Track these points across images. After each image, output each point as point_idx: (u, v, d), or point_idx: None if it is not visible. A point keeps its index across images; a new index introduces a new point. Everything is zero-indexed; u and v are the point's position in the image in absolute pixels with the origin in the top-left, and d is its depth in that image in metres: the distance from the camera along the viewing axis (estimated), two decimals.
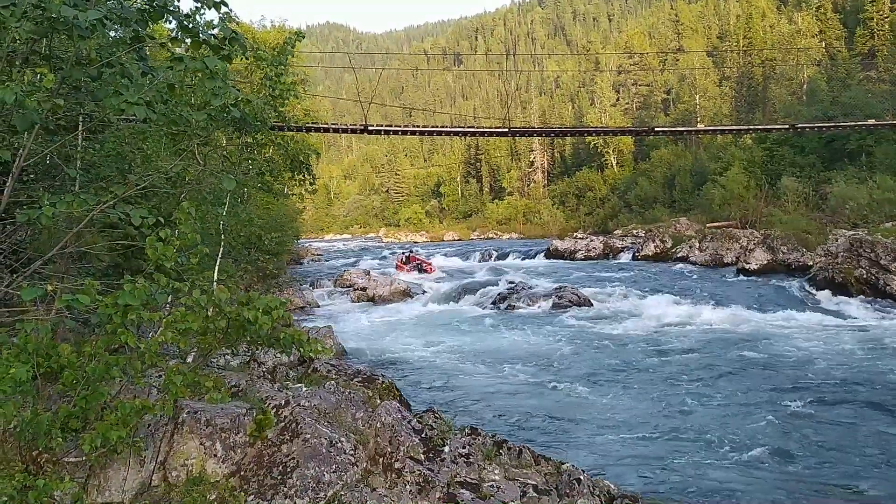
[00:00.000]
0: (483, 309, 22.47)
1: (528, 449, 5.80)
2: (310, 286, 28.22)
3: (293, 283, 25.19)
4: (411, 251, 40.77)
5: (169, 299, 4.90)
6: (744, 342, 15.26)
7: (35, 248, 6.47)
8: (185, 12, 5.02)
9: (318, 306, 23.91)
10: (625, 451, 8.47)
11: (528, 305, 21.87)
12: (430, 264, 36.42)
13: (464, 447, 5.50)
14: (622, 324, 18.26)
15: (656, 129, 51.61)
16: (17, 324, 4.61)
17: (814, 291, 21.59)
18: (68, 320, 5.10)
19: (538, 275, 30.78)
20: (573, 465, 5.61)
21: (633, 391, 11.44)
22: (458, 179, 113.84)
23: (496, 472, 5.33)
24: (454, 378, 12.69)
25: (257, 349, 6.86)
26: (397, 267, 36.87)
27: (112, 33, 5.45)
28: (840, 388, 11.20)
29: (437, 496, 4.85)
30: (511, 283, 25.57)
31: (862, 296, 20.29)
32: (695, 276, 27.98)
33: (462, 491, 4.94)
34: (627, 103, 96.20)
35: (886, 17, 64.63)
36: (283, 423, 5.14)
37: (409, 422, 5.56)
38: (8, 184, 5.06)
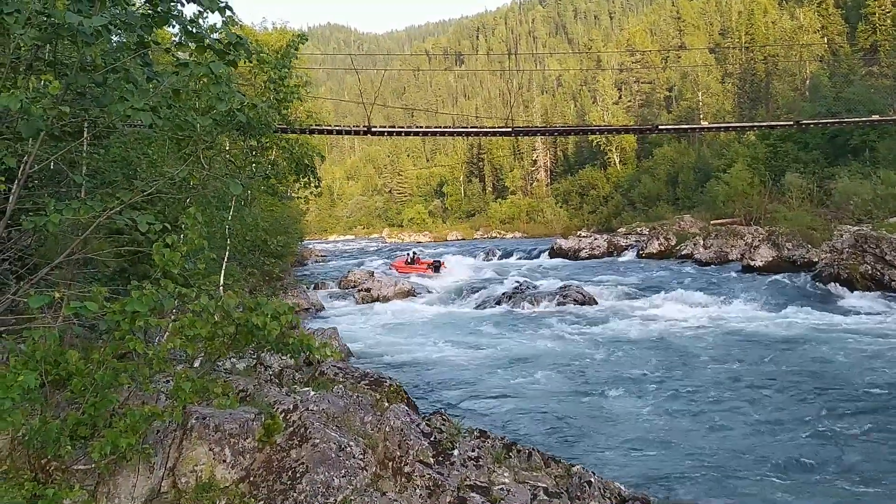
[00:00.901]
0: (487, 309, 22.43)
1: (538, 451, 5.77)
2: (314, 288, 28.22)
3: (298, 285, 25.18)
4: (415, 253, 40.73)
5: (175, 303, 4.89)
6: (753, 341, 15.20)
7: (41, 254, 6.47)
8: (188, 17, 5.02)
9: (323, 308, 23.88)
10: (635, 453, 8.44)
11: (533, 305, 21.83)
12: (442, 263, 36.36)
13: (473, 450, 5.48)
14: (628, 323, 18.21)
15: (660, 126, 51.45)
16: (24, 331, 4.61)
17: (820, 288, 21.53)
18: (76, 327, 5.09)
19: (542, 274, 30.77)
20: (583, 468, 5.59)
21: (641, 391, 11.39)
22: (461, 179, 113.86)
23: (506, 474, 5.31)
24: (460, 379, 12.66)
25: (264, 353, 6.85)
26: (399, 268, 36.69)
27: (116, 38, 5.44)
28: (857, 389, 10.99)
29: (448, 500, 4.83)
30: (515, 282, 25.55)
31: (868, 291, 20.23)
32: (700, 274, 27.93)
33: (472, 494, 4.92)
34: (630, 101, 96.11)
35: (888, 13, 64.36)
36: (291, 428, 5.13)
37: (417, 425, 5.54)
38: (14, 190, 5.05)
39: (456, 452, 5.35)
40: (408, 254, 40.57)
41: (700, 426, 9.45)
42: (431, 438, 5.42)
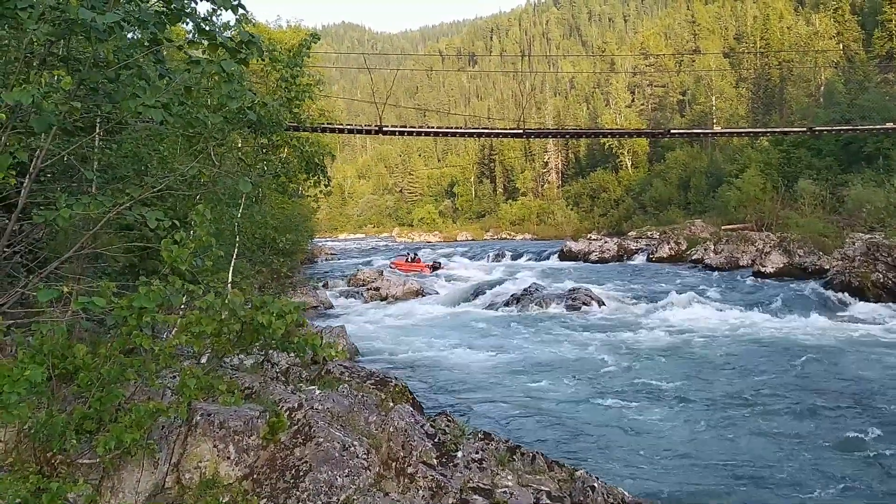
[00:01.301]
0: (496, 310, 22.43)
1: (542, 455, 5.76)
2: (323, 285, 28.31)
3: (307, 283, 25.26)
4: (416, 253, 42.22)
5: (184, 299, 4.91)
6: (762, 349, 15.10)
7: (52, 248, 6.50)
8: (202, 14, 5.03)
9: (332, 306, 23.96)
10: (640, 459, 8.41)
11: (542, 307, 21.80)
12: (441, 265, 37.11)
13: (477, 452, 5.47)
14: (637, 327, 18.16)
15: (672, 131, 51.33)
16: (33, 324, 4.64)
17: (831, 295, 21.41)
18: (84, 321, 5.12)
19: (552, 276, 30.72)
20: (587, 472, 5.57)
21: (648, 397, 11.35)
22: (472, 180, 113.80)
23: (509, 477, 5.30)
24: (467, 380, 12.66)
25: (271, 350, 6.87)
26: (399, 266, 37.57)
27: (130, 35, 5.47)
28: (870, 401, 10.77)
29: (450, 502, 4.83)
30: (524, 284, 25.52)
31: (878, 300, 20.11)
32: (710, 279, 27.82)
33: (475, 497, 4.92)
34: (643, 104, 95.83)
35: None
36: (296, 427, 5.13)
37: (421, 426, 5.53)
38: (25, 184, 5.09)
39: (459, 454, 5.35)
40: (408, 253, 42.14)
41: (707, 434, 9.41)
42: (435, 440, 5.41)
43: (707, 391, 11.61)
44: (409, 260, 38.93)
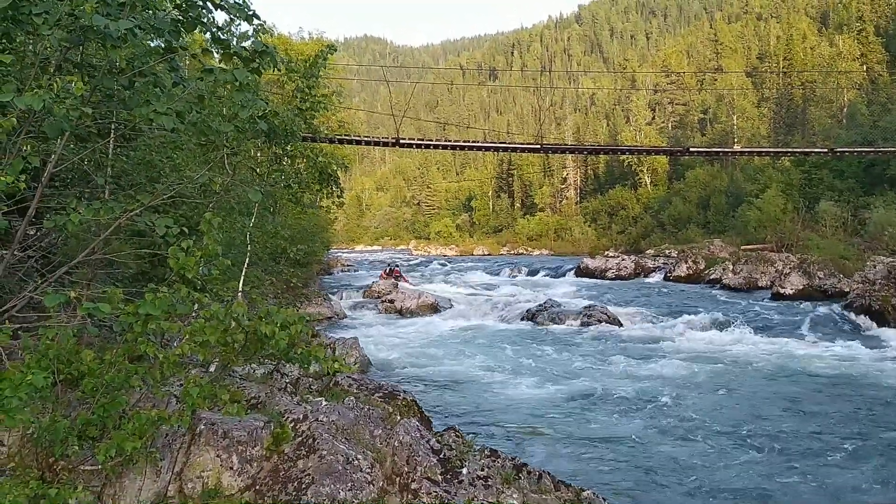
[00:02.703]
0: (511, 325, 22.31)
1: (548, 474, 5.68)
2: (338, 297, 28.36)
3: (321, 294, 25.31)
4: (397, 265, 44.82)
5: (195, 307, 4.90)
6: (782, 375, 14.77)
7: (65, 252, 6.54)
8: (220, 24, 5.05)
9: (346, 317, 23.95)
10: (649, 483, 8.28)
11: (557, 323, 21.65)
12: (408, 281, 38.37)
13: (482, 469, 5.39)
14: (652, 346, 17.98)
15: (692, 149, 51.10)
16: (40, 329, 4.64)
17: (851, 319, 21.09)
18: (91, 327, 5.12)
19: (568, 292, 30.56)
20: (594, 493, 5.49)
21: (661, 421, 11.18)
22: (490, 194, 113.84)
23: (515, 496, 5.22)
24: (478, 395, 12.57)
25: (279, 362, 6.85)
26: (382, 277, 38.48)
27: (153, 43, 5.49)
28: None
29: None
30: (540, 300, 25.40)
31: None
32: (728, 300, 27.53)
33: None
34: (663, 122, 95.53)
35: None
36: (300, 438, 5.10)
37: (427, 441, 5.48)
38: (38, 189, 5.12)
39: (465, 471, 5.28)
40: (388, 266, 44.70)
41: (720, 461, 9.25)
42: (441, 455, 5.35)
43: (721, 416, 11.43)
44: (388, 273, 40.36)
